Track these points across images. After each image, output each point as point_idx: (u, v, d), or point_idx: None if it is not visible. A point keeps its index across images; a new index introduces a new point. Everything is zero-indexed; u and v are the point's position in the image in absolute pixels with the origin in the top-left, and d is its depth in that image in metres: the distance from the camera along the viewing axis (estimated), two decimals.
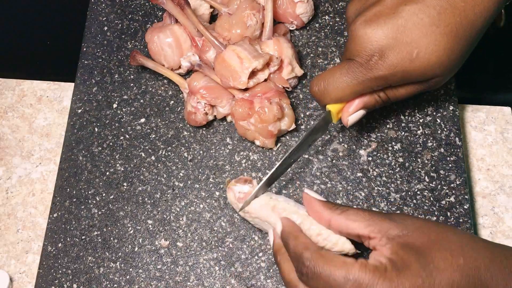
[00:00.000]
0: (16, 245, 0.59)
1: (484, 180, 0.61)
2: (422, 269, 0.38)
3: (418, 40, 0.43)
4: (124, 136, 0.60)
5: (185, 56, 0.60)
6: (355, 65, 0.45)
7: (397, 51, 0.43)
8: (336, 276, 0.39)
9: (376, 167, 0.57)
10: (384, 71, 0.44)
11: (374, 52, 0.44)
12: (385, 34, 0.43)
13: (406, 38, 0.43)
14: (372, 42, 0.44)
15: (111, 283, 0.54)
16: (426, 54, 0.43)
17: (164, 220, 0.56)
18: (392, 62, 0.44)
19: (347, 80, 0.46)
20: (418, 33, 0.43)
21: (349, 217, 0.43)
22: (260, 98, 0.55)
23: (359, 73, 0.45)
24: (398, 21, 0.43)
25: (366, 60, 0.44)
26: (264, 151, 0.58)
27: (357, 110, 0.49)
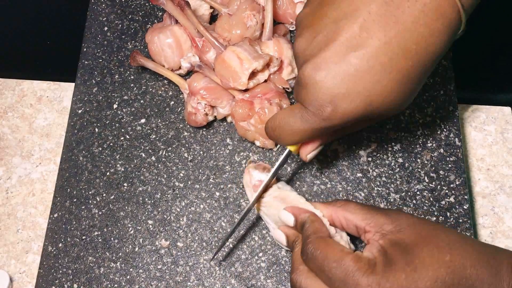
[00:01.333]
0: (16, 245, 0.59)
1: (484, 180, 0.62)
2: (407, 265, 0.39)
3: (370, 88, 0.40)
4: (124, 137, 0.60)
5: (185, 56, 0.60)
6: (308, 113, 0.43)
7: (349, 101, 0.41)
8: (330, 259, 0.41)
9: (376, 167, 0.57)
10: (338, 120, 0.42)
11: (326, 102, 0.41)
12: (336, 84, 0.40)
13: (357, 87, 0.40)
14: (323, 92, 0.41)
15: (111, 283, 0.54)
16: (379, 100, 0.41)
17: (164, 220, 0.56)
18: (345, 111, 0.41)
19: (301, 128, 0.44)
20: (369, 81, 0.40)
21: (348, 209, 0.46)
22: (260, 98, 0.55)
23: (313, 122, 0.43)
24: (348, 69, 0.40)
25: (319, 110, 0.42)
26: (264, 152, 0.58)
27: (315, 149, 0.48)
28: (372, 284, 0.38)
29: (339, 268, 0.40)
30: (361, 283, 0.38)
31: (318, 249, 0.42)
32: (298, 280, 0.43)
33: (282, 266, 0.53)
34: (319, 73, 0.41)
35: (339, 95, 0.41)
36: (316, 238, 0.43)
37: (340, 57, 0.40)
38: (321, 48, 0.41)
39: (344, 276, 0.39)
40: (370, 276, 0.38)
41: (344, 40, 0.40)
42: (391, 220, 0.43)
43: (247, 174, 0.52)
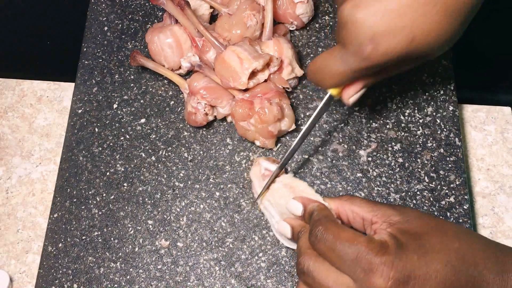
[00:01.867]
0: (16, 245, 0.59)
1: (484, 180, 0.62)
2: (418, 248, 0.39)
3: (413, 23, 0.39)
4: (124, 137, 0.60)
5: (185, 56, 0.60)
6: (348, 53, 0.42)
7: (391, 38, 0.40)
8: (342, 239, 0.40)
9: (376, 167, 0.57)
10: (379, 59, 0.41)
11: (366, 40, 0.40)
12: (377, 20, 0.39)
13: (400, 23, 0.39)
14: (364, 29, 0.40)
15: (111, 283, 0.54)
16: (423, 36, 0.40)
17: (164, 221, 0.56)
18: (387, 49, 0.40)
19: (342, 70, 0.43)
20: (412, 16, 0.39)
21: (354, 203, 0.45)
22: (260, 98, 0.55)
23: (353, 62, 0.42)
24: (389, 4, 0.39)
25: (359, 49, 0.41)
26: (264, 152, 0.58)
27: (357, 91, 0.47)
28: (385, 263, 0.38)
29: (352, 247, 0.39)
30: (374, 262, 0.38)
31: (329, 229, 0.41)
32: (306, 263, 0.42)
33: (282, 266, 0.53)
34: (359, 10, 0.40)
35: (380, 32, 0.39)
36: (326, 221, 0.43)
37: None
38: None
39: (357, 255, 0.39)
40: (384, 256, 0.38)
41: None
42: (398, 212, 0.43)
43: (257, 165, 0.52)
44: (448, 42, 0.42)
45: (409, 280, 0.37)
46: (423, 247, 0.39)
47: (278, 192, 0.51)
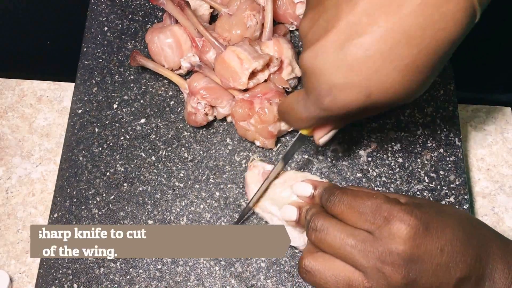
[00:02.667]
0: (16, 245, 0.59)
1: (484, 180, 0.62)
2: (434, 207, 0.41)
3: (369, 79, 0.38)
4: (124, 137, 0.60)
5: (185, 56, 0.60)
6: (309, 102, 0.42)
7: (348, 92, 0.39)
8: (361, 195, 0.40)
9: (376, 167, 0.57)
10: (338, 111, 0.40)
11: (324, 92, 0.40)
12: (333, 73, 0.38)
13: (355, 77, 0.38)
14: (321, 80, 0.39)
15: (111, 283, 0.54)
16: (380, 92, 0.38)
17: (164, 221, 0.56)
18: (344, 102, 0.39)
19: (304, 115, 0.44)
20: (368, 72, 0.38)
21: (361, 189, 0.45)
22: (260, 98, 0.55)
23: (314, 110, 0.42)
24: (345, 58, 0.38)
25: (318, 100, 0.40)
26: (264, 152, 0.58)
27: (327, 133, 0.47)
28: (405, 210, 0.38)
29: (371, 200, 0.40)
30: (394, 209, 0.38)
31: (347, 191, 0.42)
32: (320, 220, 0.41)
33: (282, 266, 0.53)
34: (317, 61, 0.39)
35: (337, 85, 0.39)
36: (341, 188, 0.43)
37: (339, 45, 0.38)
38: (321, 35, 0.39)
39: (376, 206, 0.39)
40: (403, 206, 0.39)
41: (344, 27, 0.38)
42: (404, 196, 0.44)
43: (253, 167, 0.52)
44: (411, 96, 0.40)
45: (428, 228, 0.38)
46: (438, 208, 0.41)
47: (280, 187, 0.50)
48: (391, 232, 0.38)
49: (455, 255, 0.38)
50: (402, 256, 0.37)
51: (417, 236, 0.38)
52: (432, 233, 0.38)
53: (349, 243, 0.39)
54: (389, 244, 0.38)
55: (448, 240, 0.38)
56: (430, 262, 0.38)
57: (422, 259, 0.37)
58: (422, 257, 0.37)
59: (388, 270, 0.38)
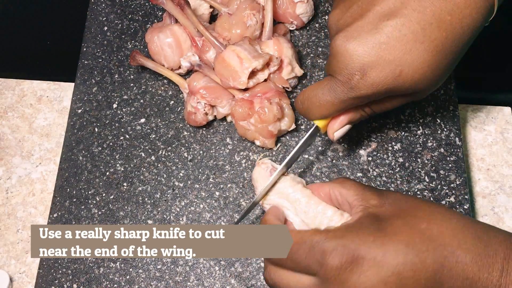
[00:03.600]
0: (16, 245, 0.59)
1: (484, 180, 0.61)
2: (377, 230, 0.38)
3: (401, 57, 0.40)
4: (124, 136, 0.60)
5: (185, 56, 0.60)
6: (337, 83, 0.43)
7: (379, 69, 0.41)
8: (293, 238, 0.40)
9: (376, 167, 0.57)
10: (366, 90, 0.42)
11: (355, 70, 0.41)
12: (366, 51, 0.41)
13: (388, 56, 0.40)
14: (353, 59, 0.41)
15: (111, 283, 0.54)
16: (410, 72, 0.41)
17: (164, 220, 0.56)
18: (374, 80, 0.41)
19: (329, 99, 0.44)
20: (401, 50, 0.40)
21: (344, 186, 0.44)
22: (260, 98, 0.55)
23: (341, 92, 0.43)
24: (380, 37, 0.40)
25: (348, 79, 0.42)
26: (264, 151, 0.58)
27: (342, 126, 0.48)
28: (337, 247, 0.37)
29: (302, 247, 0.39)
30: (326, 248, 0.37)
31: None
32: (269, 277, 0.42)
33: None
34: (350, 41, 0.41)
35: (369, 63, 0.41)
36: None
37: (373, 25, 0.40)
38: (355, 18, 0.41)
39: (309, 251, 0.38)
40: (333, 240, 0.38)
41: (379, 9, 0.40)
42: (378, 196, 0.42)
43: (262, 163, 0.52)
44: (435, 80, 0.42)
45: (363, 261, 0.36)
46: (383, 230, 0.38)
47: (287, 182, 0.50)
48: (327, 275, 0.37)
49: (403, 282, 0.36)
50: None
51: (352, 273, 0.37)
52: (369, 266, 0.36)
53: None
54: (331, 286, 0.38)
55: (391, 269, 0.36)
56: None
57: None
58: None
59: None
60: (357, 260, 0.37)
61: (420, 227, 0.38)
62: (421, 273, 0.36)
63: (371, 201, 0.42)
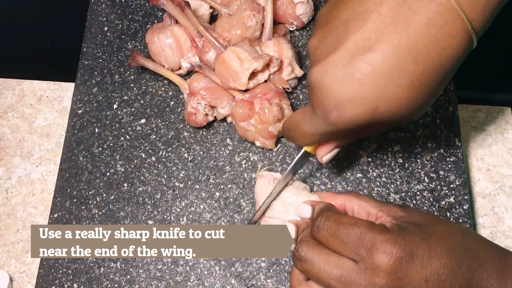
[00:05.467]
0: (16, 245, 0.60)
1: (484, 180, 0.62)
2: (422, 232, 0.40)
3: (375, 93, 0.39)
4: (124, 137, 0.60)
5: (185, 57, 0.60)
6: (316, 117, 0.43)
7: (354, 106, 0.40)
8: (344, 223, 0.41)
9: (376, 167, 0.57)
10: (343, 126, 0.41)
11: (331, 107, 0.41)
12: (340, 88, 0.40)
13: (362, 93, 0.39)
14: (329, 95, 0.40)
15: (111, 283, 0.54)
16: (386, 107, 0.40)
17: (164, 221, 0.56)
18: (350, 117, 0.40)
19: (310, 132, 0.45)
20: (375, 86, 0.39)
21: (362, 198, 0.46)
22: (260, 99, 0.55)
23: (321, 126, 0.43)
24: (353, 74, 0.39)
25: (324, 114, 0.42)
26: (264, 152, 0.58)
27: (330, 151, 0.48)
28: (389, 240, 0.38)
29: (354, 229, 0.40)
30: (377, 240, 0.38)
31: (331, 217, 0.42)
32: (304, 250, 0.42)
33: (282, 266, 0.54)
34: (325, 77, 0.40)
35: (344, 100, 0.40)
36: (328, 211, 0.43)
37: (347, 61, 0.39)
38: (329, 52, 0.40)
39: (360, 235, 0.39)
40: (387, 235, 0.39)
41: (352, 44, 0.39)
42: (402, 209, 0.44)
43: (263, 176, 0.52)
44: (414, 113, 0.41)
45: (412, 259, 0.38)
46: (426, 233, 0.40)
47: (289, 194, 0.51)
48: (374, 265, 0.38)
49: (441, 284, 0.38)
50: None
51: (400, 268, 0.38)
52: (416, 264, 0.38)
53: (333, 276, 0.40)
54: (372, 277, 0.38)
55: (434, 269, 0.38)
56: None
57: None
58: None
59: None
60: (407, 256, 0.38)
61: (458, 236, 0.41)
62: (457, 278, 0.38)
63: (398, 212, 0.43)
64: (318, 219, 0.42)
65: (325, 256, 0.41)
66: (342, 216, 0.42)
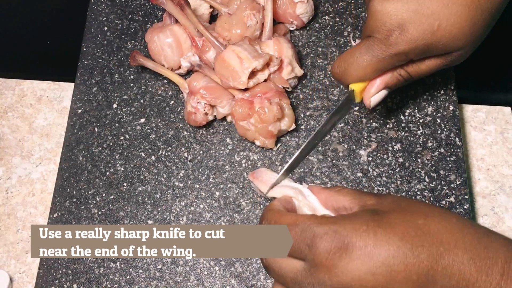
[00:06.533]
0: (16, 245, 0.59)
1: (484, 180, 0.61)
2: (372, 220, 0.36)
3: (439, 11, 0.41)
4: (124, 136, 0.60)
5: (185, 56, 0.60)
6: (375, 42, 0.44)
7: (417, 24, 0.42)
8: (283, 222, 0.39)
9: (376, 167, 0.57)
10: (404, 46, 0.43)
11: (393, 26, 0.42)
12: (404, 7, 0.42)
13: (426, 10, 0.41)
14: (391, 16, 0.42)
15: (111, 283, 0.54)
16: (447, 26, 0.42)
17: (164, 220, 0.56)
18: (412, 36, 0.42)
19: (367, 59, 0.45)
20: (438, 4, 0.41)
21: (340, 193, 0.43)
22: (260, 98, 0.55)
23: (379, 50, 0.44)
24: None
25: (386, 36, 0.43)
26: (264, 151, 0.58)
27: (379, 91, 0.48)
28: (328, 231, 0.36)
29: (295, 228, 0.38)
30: (316, 233, 0.36)
31: (272, 220, 0.40)
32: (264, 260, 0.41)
33: None
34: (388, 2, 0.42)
35: (407, 18, 0.42)
36: (269, 212, 0.41)
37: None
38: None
39: (300, 233, 0.37)
40: (326, 225, 0.36)
41: None
42: (375, 196, 0.41)
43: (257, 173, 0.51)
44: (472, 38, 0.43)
45: (353, 249, 0.35)
46: (377, 221, 0.36)
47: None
48: (315, 261, 0.36)
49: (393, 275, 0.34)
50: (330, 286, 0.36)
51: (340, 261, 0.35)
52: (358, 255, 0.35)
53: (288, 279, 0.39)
54: (318, 274, 0.36)
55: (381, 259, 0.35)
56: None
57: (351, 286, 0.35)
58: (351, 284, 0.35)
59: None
60: (347, 247, 0.35)
61: (417, 222, 0.36)
62: (413, 267, 0.34)
63: (368, 201, 0.40)
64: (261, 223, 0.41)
65: (278, 262, 0.40)
66: (282, 216, 0.40)
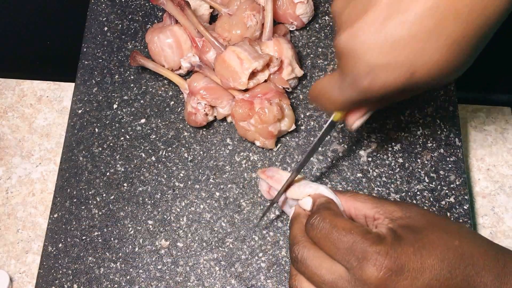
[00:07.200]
0: (16, 245, 0.59)
1: (484, 180, 0.62)
2: (416, 241, 0.38)
3: (413, 58, 0.36)
4: (124, 137, 0.60)
5: (185, 56, 0.60)
6: (345, 84, 0.40)
7: (390, 71, 0.37)
8: (338, 227, 0.40)
9: (376, 167, 0.57)
10: (376, 92, 0.39)
11: (363, 74, 0.38)
12: (374, 53, 0.37)
13: (399, 57, 0.36)
14: (361, 62, 0.38)
15: (111, 283, 0.54)
16: (424, 71, 0.37)
17: (164, 221, 0.56)
18: (384, 83, 0.38)
19: (339, 98, 0.42)
20: (413, 49, 0.36)
21: (357, 199, 0.44)
22: (260, 98, 0.55)
23: (352, 93, 0.41)
24: (388, 37, 0.36)
25: (355, 82, 0.39)
26: (264, 152, 0.58)
27: (359, 117, 0.46)
28: (380, 252, 0.37)
29: (347, 236, 0.39)
30: (368, 251, 0.37)
31: (326, 218, 0.41)
32: (300, 251, 0.41)
33: (282, 267, 0.53)
34: (355, 42, 0.37)
35: (377, 66, 0.37)
36: (325, 210, 0.42)
37: (379, 24, 0.36)
38: (358, 15, 0.37)
39: (351, 244, 0.38)
40: (379, 246, 0.38)
41: (384, 5, 0.36)
42: (400, 208, 0.42)
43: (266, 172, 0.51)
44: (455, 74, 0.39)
45: (402, 271, 0.37)
46: (420, 241, 0.38)
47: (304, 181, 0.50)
48: (363, 277, 0.37)
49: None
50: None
51: (390, 281, 0.37)
52: (407, 277, 0.37)
53: (325, 281, 0.39)
54: None
55: (426, 281, 0.37)
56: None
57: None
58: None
59: None
60: (397, 269, 0.37)
61: (453, 243, 0.39)
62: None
63: (395, 213, 0.42)
64: (313, 217, 0.42)
65: (318, 260, 0.40)
66: (337, 218, 0.41)
